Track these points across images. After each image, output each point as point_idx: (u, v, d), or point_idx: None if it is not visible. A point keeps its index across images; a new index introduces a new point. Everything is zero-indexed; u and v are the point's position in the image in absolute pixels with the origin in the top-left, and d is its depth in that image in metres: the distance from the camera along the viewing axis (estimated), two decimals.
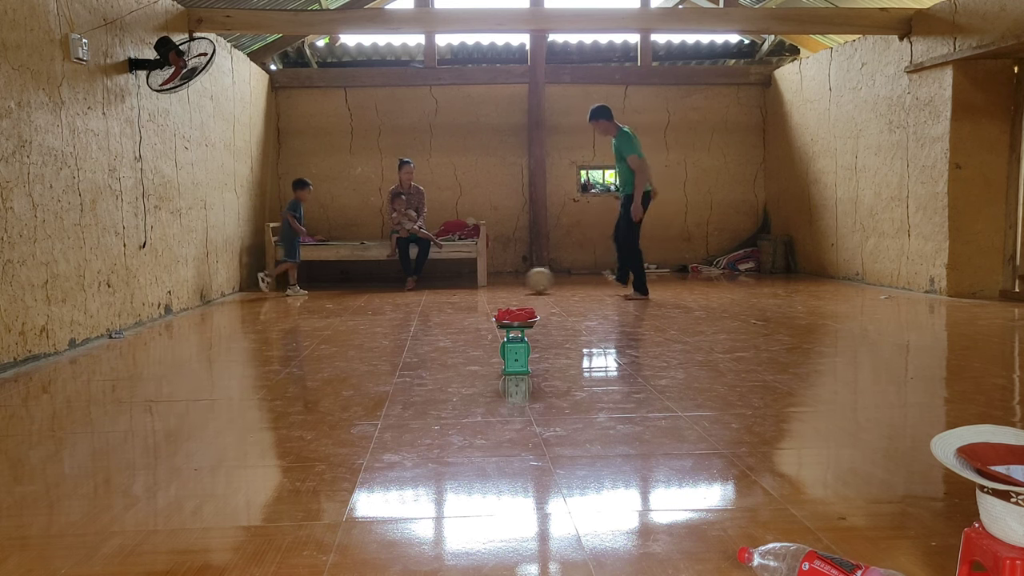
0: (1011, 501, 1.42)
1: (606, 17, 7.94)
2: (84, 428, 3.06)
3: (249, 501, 2.25)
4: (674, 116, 10.30)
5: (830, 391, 3.71)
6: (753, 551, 1.68)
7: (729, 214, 10.46)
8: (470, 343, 4.83)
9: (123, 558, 1.83)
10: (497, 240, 10.12)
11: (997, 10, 6.24)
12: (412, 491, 2.28)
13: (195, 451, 2.71)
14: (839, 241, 8.67)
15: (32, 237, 4.39)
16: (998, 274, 6.86)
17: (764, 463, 2.46)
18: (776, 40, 10.17)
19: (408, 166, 8.69)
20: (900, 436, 2.84)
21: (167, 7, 6.36)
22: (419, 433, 2.83)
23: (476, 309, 6.66)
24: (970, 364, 4.04)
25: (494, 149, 10.20)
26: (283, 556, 1.81)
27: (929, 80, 7.00)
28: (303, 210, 8.24)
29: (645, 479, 2.40)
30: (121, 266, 5.50)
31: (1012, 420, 2.96)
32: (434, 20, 8.33)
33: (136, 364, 4.42)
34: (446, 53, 10.36)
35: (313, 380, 3.80)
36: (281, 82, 9.89)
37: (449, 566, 1.76)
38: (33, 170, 4.42)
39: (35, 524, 2.06)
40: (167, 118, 6.37)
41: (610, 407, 3.20)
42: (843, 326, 5.45)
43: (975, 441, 1.57)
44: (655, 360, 4.19)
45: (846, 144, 8.41)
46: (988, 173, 6.77)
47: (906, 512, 2.05)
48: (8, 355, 4.16)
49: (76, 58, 4.89)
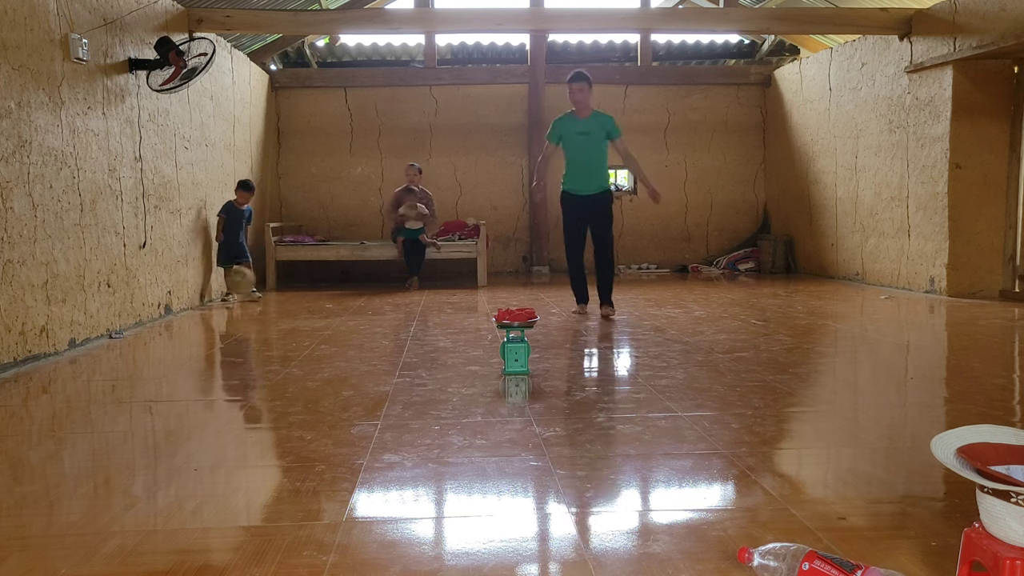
0: (1011, 501, 1.42)
1: (606, 17, 7.94)
2: (84, 428, 3.06)
3: (249, 501, 2.25)
4: (674, 116, 10.30)
5: (830, 391, 3.71)
6: (753, 551, 1.68)
7: (729, 214, 10.46)
8: (470, 343, 4.83)
9: (123, 558, 1.83)
10: (497, 240, 10.12)
11: (997, 10, 6.24)
12: (412, 491, 2.28)
13: (195, 451, 2.71)
14: (839, 241, 8.67)
15: (32, 237, 4.39)
16: (998, 274, 6.86)
17: (764, 463, 2.46)
18: (776, 40, 10.17)
19: (413, 168, 8.73)
20: (900, 436, 2.84)
21: (167, 7, 6.36)
22: (419, 433, 2.83)
23: (476, 309, 6.66)
24: (970, 364, 4.04)
25: (494, 149, 10.20)
26: (283, 556, 1.81)
27: (929, 80, 6.99)
28: (248, 214, 7.48)
29: (645, 479, 2.39)
30: (121, 266, 5.50)
31: (1012, 420, 2.95)
32: (434, 20, 8.33)
33: (136, 364, 4.42)
34: (446, 53, 10.36)
35: (313, 380, 3.80)
36: (281, 82, 9.89)
37: (449, 566, 1.76)
38: (33, 170, 4.42)
39: (35, 524, 2.06)
40: (167, 118, 6.37)
41: (610, 407, 3.20)
42: (843, 326, 5.45)
43: (975, 441, 1.57)
44: (655, 360, 4.19)
45: (846, 144, 8.41)
46: (988, 173, 6.77)
47: (906, 512, 2.05)
48: (8, 355, 4.16)
49: (76, 58, 4.89)
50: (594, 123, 5.77)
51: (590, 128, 5.73)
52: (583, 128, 5.74)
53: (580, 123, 5.76)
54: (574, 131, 5.76)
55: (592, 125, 5.75)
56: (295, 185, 10.09)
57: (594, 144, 5.75)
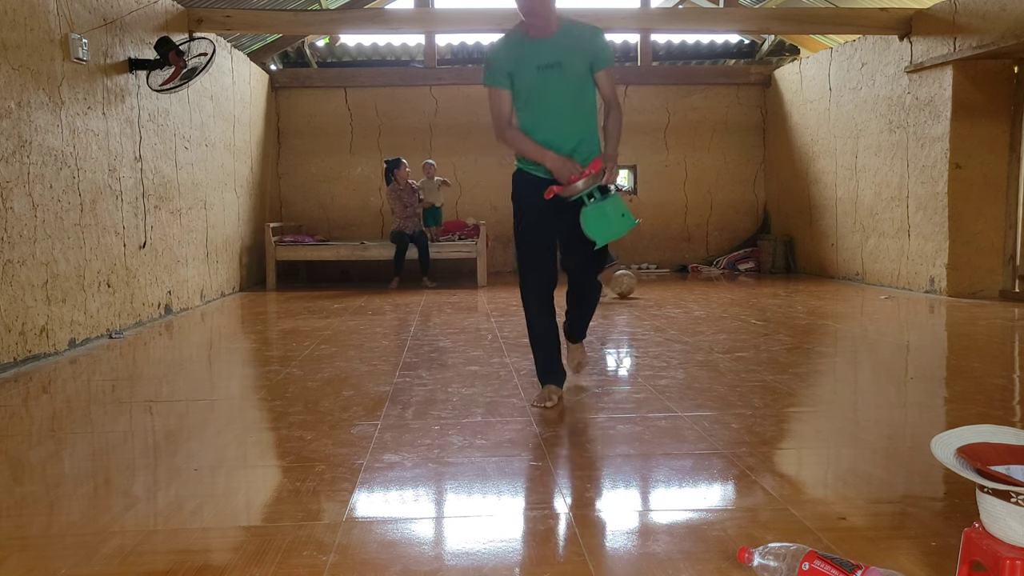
0: (1011, 501, 1.42)
1: (606, 17, 7.93)
2: (84, 428, 3.06)
3: (249, 501, 2.25)
4: (674, 116, 10.30)
5: (830, 391, 3.71)
6: (753, 551, 1.68)
7: (729, 214, 10.46)
8: (470, 343, 4.83)
9: (123, 558, 1.83)
10: (497, 240, 10.11)
11: (997, 10, 6.24)
12: (412, 491, 2.28)
13: (195, 451, 2.71)
14: (839, 241, 8.66)
15: (32, 237, 4.39)
16: (998, 274, 6.85)
17: (764, 463, 2.46)
18: (776, 40, 10.16)
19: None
20: (900, 436, 2.84)
21: (167, 7, 6.36)
22: (419, 433, 2.83)
23: (476, 309, 6.66)
24: (970, 364, 4.04)
25: (494, 149, 10.16)
26: (283, 556, 1.81)
27: (929, 80, 6.99)
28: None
29: (645, 479, 2.39)
30: (121, 266, 5.50)
31: (1012, 420, 2.95)
32: (434, 20, 8.34)
33: (136, 364, 4.42)
34: (446, 53, 10.36)
35: (313, 380, 3.80)
36: (281, 82, 9.89)
37: (449, 566, 1.76)
38: (33, 170, 4.42)
39: (35, 524, 2.06)
40: (167, 118, 6.37)
41: (610, 407, 3.20)
42: (843, 326, 5.45)
43: (975, 441, 1.57)
44: (655, 360, 4.19)
45: (846, 144, 8.41)
46: (988, 173, 6.77)
47: (906, 512, 2.05)
48: (8, 355, 4.16)
49: (76, 58, 4.89)
50: (566, 45, 3.08)
51: (559, 56, 3.06)
52: (548, 57, 3.06)
53: (542, 49, 3.07)
54: (531, 64, 3.07)
55: (562, 50, 3.07)
56: (295, 185, 10.10)
57: (570, 84, 3.09)
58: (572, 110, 3.13)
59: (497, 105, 3.15)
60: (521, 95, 3.12)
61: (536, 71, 3.07)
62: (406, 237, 8.43)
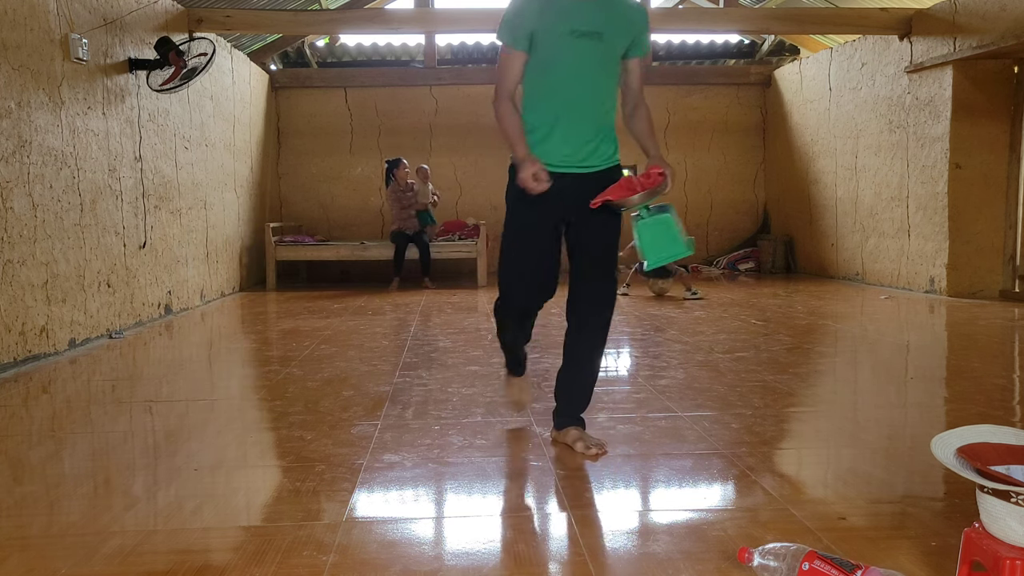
0: (1011, 501, 1.42)
1: None
2: (84, 428, 3.06)
3: (249, 501, 2.25)
4: (674, 116, 10.30)
5: (830, 391, 3.71)
6: (753, 551, 1.68)
7: (729, 214, 10.46)
8: (470, 343, 4.83)
9: (123, 558, 1.83)
10: (497, 240, 10.08)
11: (997, 10, 6.24)
12: (412, 491, 2.28)
13: (195, 451, 2.71)
14: (839, 241, 8.66)
15: (32, 237, 4.39)
16: (998, 274, 6.85)
17: (764, 463, 2.46)
18: (776, 40, 10.16)
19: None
20: (900, 436, 2.84)
21: (167, 7, 6.36)
22: (419, 433, 2.83)
23: (476, 309, 6.65)
24: (970, 364, 4.04)
25: (494, 149, 10.18)
26: (283, 556, 1.81)
27: (929, 80, 6.99)
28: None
29: (645, 479, 2.39)
30: (121, 266, 5.49)
31: (1012, 420, 2.95)
32: (434, 20, 8.33)
33: (136, 364, 4.42)
34: (446, 53, 10.35)
35: (313, 380, 3.80)
36: (281, 82, 9.89)
37: (449, 566, 1.76)
38: (33, 170, 4.42)
39: (35, 524, 2.06)
40: (167, 118, 6.37)
41: (610, 407, 3.20)
42: (843, 326, 5.44)
43: (975, 441, 1.57)
44: (655, 360, 4.19)
45: (846, 144, 8.41)
46: (988, 173, 6.77)
47: (906, 512, 2.05)
48: (8, 355, 4.16)
49: (76, 58, 4.89)
50: (611, 15, 2.51)
51: (602, 25, 2.49)
52: (588, 23, 2.47)
53: (582, 11, 2.47)
54: (564, 26, 2.47)
55: (607, 19, 2.49)
56: (295, 185, 10.09)
57: (608, 61, 2.55)
58: (602, 93, 2.54)
59: (506, 68, 2.52)
60: (542, 62, 2.50)
61: (569, 36, 2.45)
62: (406, 237, 8.43)
